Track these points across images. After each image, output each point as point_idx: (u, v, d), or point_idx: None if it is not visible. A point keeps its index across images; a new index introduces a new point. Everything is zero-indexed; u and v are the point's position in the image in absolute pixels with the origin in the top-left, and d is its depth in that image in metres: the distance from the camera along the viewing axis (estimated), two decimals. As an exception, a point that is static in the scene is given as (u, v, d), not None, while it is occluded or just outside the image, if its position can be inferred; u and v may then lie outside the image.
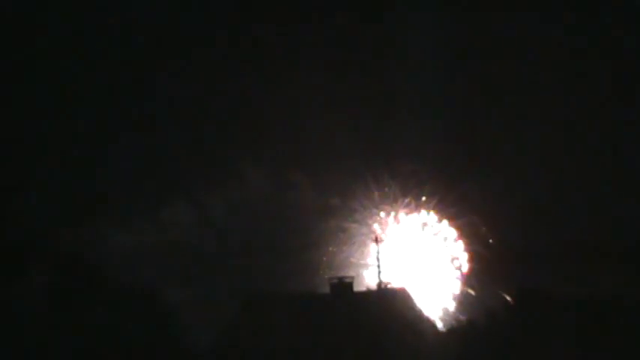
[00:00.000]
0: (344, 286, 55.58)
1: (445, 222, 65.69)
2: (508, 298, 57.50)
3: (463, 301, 64.49)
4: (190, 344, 54.88)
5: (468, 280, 64.65)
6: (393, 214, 66.21)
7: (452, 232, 65.50)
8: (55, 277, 55.98)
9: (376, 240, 57.75)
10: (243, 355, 52.72)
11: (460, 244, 65.28)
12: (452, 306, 64.74)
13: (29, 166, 60.83)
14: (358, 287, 59.29)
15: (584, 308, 54.69)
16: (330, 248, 63.75)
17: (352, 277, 58.05)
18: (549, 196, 64.66)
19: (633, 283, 57.95)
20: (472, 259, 64.82)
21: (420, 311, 57.46)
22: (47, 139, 63.75)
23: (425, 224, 65.89)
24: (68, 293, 54.51)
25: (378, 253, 56.82)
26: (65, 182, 62.59)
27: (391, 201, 66.21)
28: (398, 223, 66.01)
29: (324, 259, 62.64)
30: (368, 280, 63.71)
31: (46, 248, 57.71)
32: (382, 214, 65.84)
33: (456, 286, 64.82)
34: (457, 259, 64.92)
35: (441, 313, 64.49)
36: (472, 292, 63.71)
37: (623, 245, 61.39)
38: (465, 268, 64.75)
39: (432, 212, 65.64)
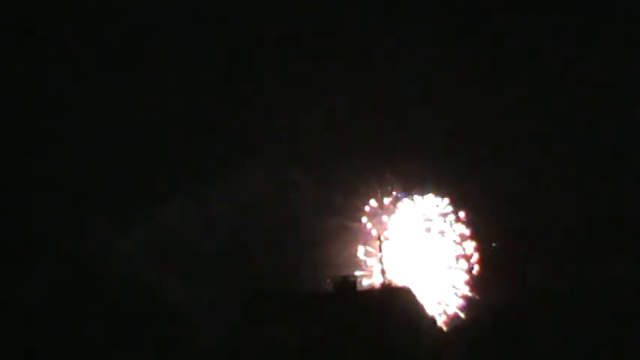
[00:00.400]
0: (347, 285, 55.52)
1: (451, 216, 65.94)
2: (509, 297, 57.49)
3: (466, 300, 64.61)
4: (192, 344, 54.78)
5: (474, 280, 64.75)
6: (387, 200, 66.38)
7: (460, 228, 65.69)
8: (56, 277, 55.88)
9: (379, 239, 57.71)
10: (245, 354, 52.60)
11: (466, 244, 65.48)
12: (455, 305, 64.82)
13: (30, 166, 60.78)
14: (361, 286, 59.40)
15: (585, 307, 54.68)
16: (333, 248, 63.80)
17: (356, 276, 58.07)
18: (550, 196, 64.90)
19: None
20: (477, 259, 64.99)
21: (424, 310, 57.44)
22: (48, 140, 63.73)
23: (428, 219, 66.01)
24: (69, 293, 54.41)
25: (380, 251, 56.78)
26: (66, 182, 62.59)
27: (393, 200, 66.39)
28: (395, 208, 65.97)
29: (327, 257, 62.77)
30: (371, 278, 63.83)
31: (47, 249, 57.65)
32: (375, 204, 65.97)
33: (461, 286, 64.90)
34: (466, 258, 64.97)
35: (443, 312, 64.58)
36: (476, 295, 63.83)
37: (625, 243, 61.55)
38: (471, 268, 64.84)
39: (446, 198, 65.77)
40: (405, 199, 65.67)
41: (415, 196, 65.60)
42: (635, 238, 61.07)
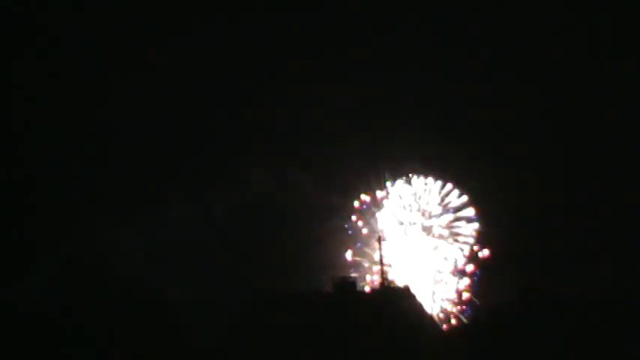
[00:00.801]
0: (347, 285, 55.38)
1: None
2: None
3: (466, 299, 64.66)
4: (194, 343, 54.75)
5: (473, 280, 64.80)
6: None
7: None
8: (56, 277, 55.83)
9: (379, 240, 57.66)
10: (246, 354, 52.54)
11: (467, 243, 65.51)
12: (454, 305, 64.83)
13: (32, 166, 60.69)
14: (361, 286, 59.43)
15: (585, 308, 54.63)
16: (333, 248, 63.81)
17: (355, 277, 58.00)
18: (551, 197, 64.90)
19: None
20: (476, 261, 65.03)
21: (423, 309, 57.42)
22: (50, 140, 63.65)
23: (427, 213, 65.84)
24: (70, 293, 54.36)
25: (381, 252, 56.75)
26: (67, 182, 62.57)
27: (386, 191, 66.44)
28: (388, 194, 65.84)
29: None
30: (371, 279, 63.89)
31: (47, 249, 57.60)
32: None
33: (461, 286, 64.96)
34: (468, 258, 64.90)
35: (443, 312, 64.63)
36: (476, 295, 63.84)
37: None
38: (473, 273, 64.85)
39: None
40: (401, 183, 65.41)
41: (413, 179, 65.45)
42: (634, 238, 61.22)
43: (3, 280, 54.74)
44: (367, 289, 60.70)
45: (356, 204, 66.28)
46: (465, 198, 66.45)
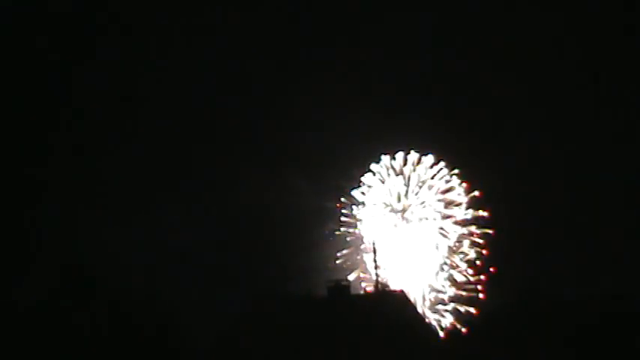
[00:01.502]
0: (341, 289, 55.13)
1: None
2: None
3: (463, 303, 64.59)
4: (189, 347, 54.83)
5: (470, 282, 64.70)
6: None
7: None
8: (58, 277, 56.01)
9: (374, 243, 57.54)
10: (244, 355, 52.57)
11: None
12: (451, 309, 64.77)
13: (30, 169, 60.93)
14: (356, 290, 59.26)
15: (586, 309, 54.43)
16: (327, 252, 63.84)
17: (349, 281, 57.86)
18: (551, 197, 64.76)
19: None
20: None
21: (418, 314, 57.30)
22: (47, 143, 63.83)
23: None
24: (68, 297, 54.51)
25: (375, 255, 56.65)
26: (66, 184, 62.81)
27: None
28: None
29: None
30: (365, 283, 63.89)
31: (48, 249, 57.83)
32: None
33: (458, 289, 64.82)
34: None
35: (439, 316, 64.56)
36: (473, 310, 63.73)
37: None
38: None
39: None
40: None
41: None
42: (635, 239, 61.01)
43: (3, 280, 54.97)
44: (361, 292, 60.55)
45: (338, 206, 66.21)
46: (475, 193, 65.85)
